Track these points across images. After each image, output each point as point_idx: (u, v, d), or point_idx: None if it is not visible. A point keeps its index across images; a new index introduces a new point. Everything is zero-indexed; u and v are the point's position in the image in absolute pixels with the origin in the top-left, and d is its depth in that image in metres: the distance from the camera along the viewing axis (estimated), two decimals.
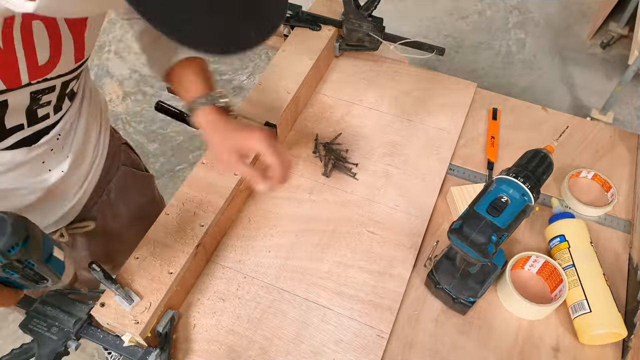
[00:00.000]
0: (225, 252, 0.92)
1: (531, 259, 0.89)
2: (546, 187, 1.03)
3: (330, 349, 0.82)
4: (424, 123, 1.11)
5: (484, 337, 0.85)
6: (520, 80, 2.57)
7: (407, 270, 0.90)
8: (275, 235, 0.94)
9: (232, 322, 0.84)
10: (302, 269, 0.90)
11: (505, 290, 0.86)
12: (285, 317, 0.85)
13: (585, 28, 2.80)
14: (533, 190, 0.77)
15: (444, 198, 1.01)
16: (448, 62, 2.64)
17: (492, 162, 1.05)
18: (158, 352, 0.76)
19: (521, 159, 0.82)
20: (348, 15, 1.12)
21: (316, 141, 1.07)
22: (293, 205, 0.98)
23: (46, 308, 0.76)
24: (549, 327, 0.86)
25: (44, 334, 0.74)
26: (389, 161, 1.05)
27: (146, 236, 0.83)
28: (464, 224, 0.75)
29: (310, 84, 1.12)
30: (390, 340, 0.84)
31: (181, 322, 0.84)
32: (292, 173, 1.02)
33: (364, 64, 1.22)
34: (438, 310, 0.87)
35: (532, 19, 2.86)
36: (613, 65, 2.63)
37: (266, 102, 1.02)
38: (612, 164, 1.07)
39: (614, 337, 0.82)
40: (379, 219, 0.97)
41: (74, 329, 0.74)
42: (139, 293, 0.77)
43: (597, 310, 0.81)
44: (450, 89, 1.18)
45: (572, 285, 0.85)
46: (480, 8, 2.92)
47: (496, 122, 1.12)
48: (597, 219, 0.99)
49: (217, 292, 0.87)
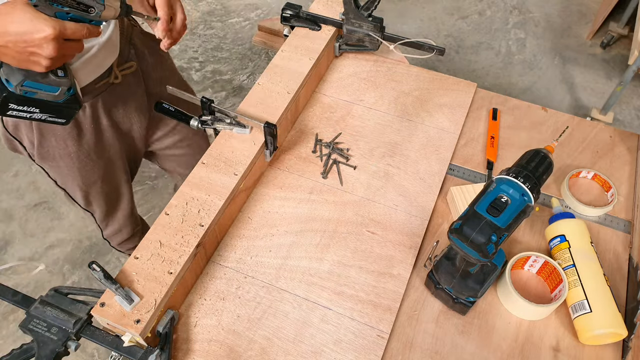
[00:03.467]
0: (225, 252, 0.92)
1: (531, 259, 0.89)
2: (546, 187, 1.03)
3: (330, 349, 0.82)
4: (424, 123, 1.11)
5: (484, 338, 0.85)
6: (520, 80, 2.58)
7: (407, 270, 0.90)
8: (276, 235, 0.94)
9: (232, 322, 0.84)
10: (302, 269, 0.90)
11: (505, 291, 0.86)
12: (285, 317, 0.85)
13: (585, 28, 2.80)
14: (533, 190, 0.77)
15: (444, 198, 1.01)
16: (448, 62, 2.64)
17: (492, 162, 1.05)
18: (158, 352, 0.76)
19: (521, 159, 0.82)
20: (348, 15, 1.12)
21: (316, 141, 1.07)
22: (293, 205, 0.98)
23: (46, 308, 0.76)
24: (549, 327, 0.86)
25: (44, 334, 0.74)
26: (389, 161, 1.05)
27: (146, 236, 0.83)
28: (464, 224, 0.75)
29: (310, 84, 1.13)
30: (390, 341, 0.84)
31: (181, 322, 0.84)
32: (292, 172, 1.02)
33: (364, 64, 1.22)
34: (438, 311, 0.87)
35: (532, 19, 2.86)
36: (613, 65, 2.63)
37: (266, 102, 1.02)
38: (612, 164, 1.07)
39: (614, 337, 0.82)
40: (379, 219, 0.97)
41: (74, 329, 0.74)
42: (139, 293, 0.77)
43: (598, 310, 0.81)
44: (450, 89, 1.18)
45: (573, 285, 0.85)
46: (480, 8, 2.92)
47: (496, 122, 1.12)
48: (597, 219, 0.99)
49: (217, 292, 0.88)
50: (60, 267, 1.92)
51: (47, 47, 0.74)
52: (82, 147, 1.07)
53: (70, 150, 1.05)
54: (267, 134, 0.94)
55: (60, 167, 1.09)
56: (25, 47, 0.73)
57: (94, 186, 1.16)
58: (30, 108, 0.81)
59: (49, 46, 0.74)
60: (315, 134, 1.08)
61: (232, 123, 0.97)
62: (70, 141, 1.04)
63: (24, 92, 0.79)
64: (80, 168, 1.10)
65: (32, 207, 2.07)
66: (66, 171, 1.10)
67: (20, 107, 0.80)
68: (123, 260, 1.94)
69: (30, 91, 0.79)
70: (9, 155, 2.21)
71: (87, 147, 1.07)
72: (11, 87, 0.78)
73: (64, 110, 0.86)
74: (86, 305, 0.77)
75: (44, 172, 1.12)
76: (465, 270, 0.82)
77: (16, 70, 0.78)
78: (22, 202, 2.08)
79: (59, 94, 0.83)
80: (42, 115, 0.83)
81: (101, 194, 1.20)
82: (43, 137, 1.02)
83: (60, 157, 1.06)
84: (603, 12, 2.62)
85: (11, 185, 2.12)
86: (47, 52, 0.74)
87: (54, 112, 0.85)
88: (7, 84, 0.78)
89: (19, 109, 0.80)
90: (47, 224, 2.03)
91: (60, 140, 1.03)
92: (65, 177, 1.12)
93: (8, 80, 0.78)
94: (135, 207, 1.37)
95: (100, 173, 1.14)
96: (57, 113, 0.85)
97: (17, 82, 0.78)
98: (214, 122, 0.96)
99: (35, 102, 0.81)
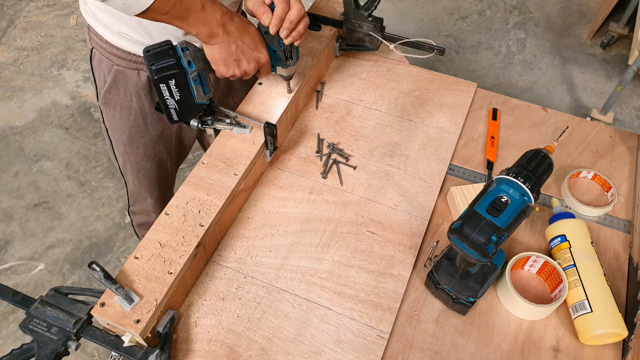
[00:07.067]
0: (225, 252, 0.92)
1: (531, 259, 0.89)
2: (546, 187, 1.03)
3: (330, 349, 0.82)
4: (424, 123, 1.11)
5: (484, 338, 0.85)
6: (520, 80, 2.58)
7: (407, 270, 0.90)
8: (276, 235, 0.94)
9: (232, 322, 0.84)
10: (302, 269, 0.90)
11: (505, 291, 0.86)
12: (285, 317, 0.85)
13: (585, 28, 2.80)
14: (533, 190, 0.77)
15: (444, 198, 1.01)
16: (448, 62, 2.64)
17: (492, 162, 1.05)
18: (158, 352, 0.76)
19: (521, 159, 0.82)
20: (348, 15, 1.12)
21: (319, 140, 1.07)
22: (293, 205, 0.98)
23: (46, 308, 0.76)
24: (549, 327, 0.86)
25: (44, 334, 0.74)
26: (389, 161, 1.05)
27: (146, 236, 0.83)
28: (464, 224, 0.75)
29: (310, 84, 1.12)
30: (390, 340, 0.84)
31: (181, 322, 0.84)
32: (292, 173, 1.02)
33: (364, 64, 1.22)
34: (438, 311, 0.87)
35: (532, 19, 2.86)
36: (613, 65, 2.63)
37: (266, 102, 1.02)
38: (612, 164, 1.07)
39: (614, 337, 0.82)
40: (379, 219, 0.97)
41: (74, 329, 0.74)
42: (139, 293, 0.77)
43: (599, 310, 0.81)
44: (450, 89, 1.18)
45: (573, 285, 0.85)
46: (480, 8, 2.92)
47: (496, 122, 1.12)
48: (597, 219, 0.99)
49: (217, 292, 0.87)
50: (60, 267, 1.92)
51: (252, 65, 0.90)
52: (143, 108, 1.10)
53: (131, 105, 1.09)
54: (267, 134, 0.94)
55: (115, 118, 1.12)
56: (240, 52, 0.87)
57: (135, 152, 1.19)
58: (178, 93, 0.87)
59: (253, 65, 0.90)
60: (317, 133, 1.08)
61: (232, 123, 0.97)
62: (136, 98, 1.08)
63: (195, 79, 0.87)
64: (132, 126, 1.13)
65: (32, 207, 2.07)
66: (119, 123, 1.13)
67: (175, 87, 0.86)
68: (123, 261, 1.94)
69: (198, 81, 0.87)
70: (9, 155, 2.21)
71: (147, 110, 1.11)
72: (191, 69, 0.85)
73: (189, 110, 0.91)
74: (86, 305, 0.77)
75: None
76: (465, 270, 0.82)
77: (202, 59, 0.87)
78: (22, 202, 2.08)
79: (205, 97, 0.90)
80: (173, 103, 0.88)
81: (140, 166, 1.23)
82: (115, 83, 1.05)
83: (121, 108, 1.10)
84: (603, 12, 2.62)
85: (11, 185, 2.12)
86: (247, 68, 0.89)
87: (181, 107, 0.89)
88: (189, 65, 0.85)
89: (172, 87, 0.86)
90: (47, 224, 2.03)
91: (128, 93, 1.06)
92: (115, 129, 1.16)
93: (191, 63, 0.85)
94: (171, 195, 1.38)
95: (146, 141, 1.17)
96: (182, 110, 0.90)
97: (198, 69, 0.86)
98: (214, 122, 0.96)
99: (187, 91, 0.87)
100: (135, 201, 1.37)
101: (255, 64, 0.90)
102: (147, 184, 1.29)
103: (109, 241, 1.99)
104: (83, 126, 2.33)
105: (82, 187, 2.13)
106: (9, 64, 2.56)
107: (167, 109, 0.89)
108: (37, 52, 2.62)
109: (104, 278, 0.72)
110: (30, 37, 2.69)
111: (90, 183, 2.14)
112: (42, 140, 2.27)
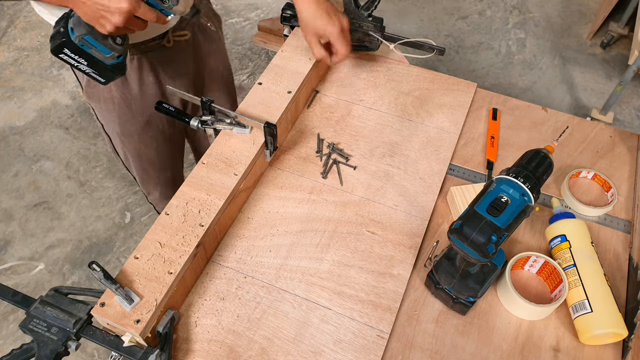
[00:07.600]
0: (225, 252, 0.92)
1: (531, 259, 0.89)
2: (546, 187, 1.03)
3: (330, 349, 0.82)
4: (424, 123, 1.11)
5: (484, 338, 0.85)
6: (520, 80, 2.58)
7: (407, 270, 0.90)
8: (276, 235, 0.94)
9: (232, 322, 0.84)
10: (302, 269, 0.90)
11: (505, 291, 0.86)
12: (285, 317, 0.85)
13: (585, 28, 2.80)
14: (533, 190, 0.77)
15: (444, 198, 1.01)
16: (448, 62, 2.64)
17: (492, 162, 1.05)
18: (158, 352, 0.76)
19: (521, 159, 0.82)
20: (348, 15, 1.12)
21: (319, 140, 1.07)
22: (293, 205, 0.98)
23: (46, 308, 0.76)
24: (549, 327, 0.86)
25: (44, 334, 0.74)
26: (389, 161, 1.05)
27: (146, 236, 0.83)
28: (464, 224, 0.75)
29: (310, 84, 1.12)
30: (390, 341, 0.84)
31: (181, 322, 0.84)
32: (292, 173, 1.02)
33: (364, 64, 1.22)
34: (438, 311, 0.87)
35: (532, 19, 2.86)
36: (613, 65, 2.63)
37: (266, 102, 1.02)
38: (612, 164, 1.07)
39: (614, 337, 0.82)
40: (379, 219, 0.97)
41: (74, 329, 0.74)
42: (139, 293, 0.77)
43: (599, 310, 0.81)
44: (450, 89, 1.18)
45: (573, 285, 0.85)
46: (480, 8, 2.92)
47: (496, 122, 1.12)
48: (597, 219, 0.99)
49: (217, 292, 0.88)
50: (60, 267, 1.92)
51: (117, 17, 0.84)
52: (125, 96, 1.12)
53: (113, 95, 1.11)
54: (267, 134, 0.94)
55: (102, 110, 1.15)
56: (100, 9, 0.82)
57: (131, 140, 1.21)
58: (80, 59, 0.89)
59: (119, 17, 0.84)
60: (317, 133, 1.08)
61: (232, 123, 0.97)
62: (115, 86, 1.11)
63: (81, 44, 0.88)
64: (120, 116, 1.15)
65: (32, 207, 2.07)
66: (107, 115, 1.16)
67: (72, 55, 0.89)
68: (123, 261, 1.94)
69: (86, 45, 0.88)
70: (9, 155, 2.21)
71: (129, 97, 1.13)
72: (73, 35, 0.87)
73: (107, 72, 0.94)
74: (86, 305, 0.77)
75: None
76: (465, 270, 0.82)
77: (83, 23, 0.86)
78: (22, 202, 2.08)
79: (109, 57, 0.91)
80: (88, 69, 0.92)
81: (140, 153, 1.25)
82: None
83: (104, 100, 1.12)
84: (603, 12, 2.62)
85: (11, 185, 2.13)
86: (114, 20, 0.84)
87: (98, 70, 0.92)
88: (71, 32, 0.87)
89: (71, 56, 0.89)
90: (47, 224, 2.03)
91: None
92: (108, 123, 1.18)
93: (73, 30, 0.87)
94: (183, 177, 1.39)
95: (137, 128, 1.19)
96: (101, 72, 0.93)
97: (79, 34, 0.86)
98: (214, 122, 0.96)
99: (86, 56, 0.90)
100: (150, 191, 1.40)
101: (120, 16, 0.83)
102: (152, 170, 1.31)
103: (109, 241, 1.99)
104: (83, 126, 2.33)
105: (82, 187, 2.13)
106: (9, 64, 2.56)
107: (89, 75, 0.92)
108: (37, 52, 2.63)
109: (104, 278, 0.72)
110: (30, 37, 2.69)
111: (90, 183, 2.14)
112: (42, 140, 2.27)
